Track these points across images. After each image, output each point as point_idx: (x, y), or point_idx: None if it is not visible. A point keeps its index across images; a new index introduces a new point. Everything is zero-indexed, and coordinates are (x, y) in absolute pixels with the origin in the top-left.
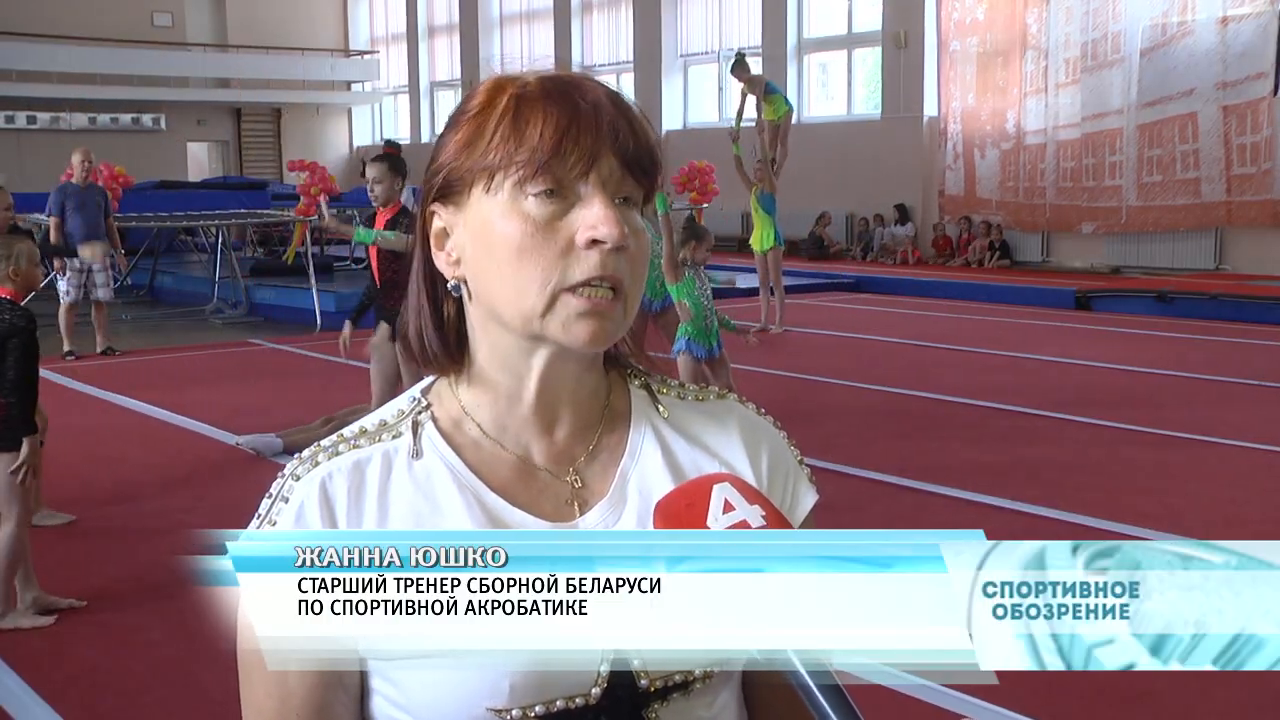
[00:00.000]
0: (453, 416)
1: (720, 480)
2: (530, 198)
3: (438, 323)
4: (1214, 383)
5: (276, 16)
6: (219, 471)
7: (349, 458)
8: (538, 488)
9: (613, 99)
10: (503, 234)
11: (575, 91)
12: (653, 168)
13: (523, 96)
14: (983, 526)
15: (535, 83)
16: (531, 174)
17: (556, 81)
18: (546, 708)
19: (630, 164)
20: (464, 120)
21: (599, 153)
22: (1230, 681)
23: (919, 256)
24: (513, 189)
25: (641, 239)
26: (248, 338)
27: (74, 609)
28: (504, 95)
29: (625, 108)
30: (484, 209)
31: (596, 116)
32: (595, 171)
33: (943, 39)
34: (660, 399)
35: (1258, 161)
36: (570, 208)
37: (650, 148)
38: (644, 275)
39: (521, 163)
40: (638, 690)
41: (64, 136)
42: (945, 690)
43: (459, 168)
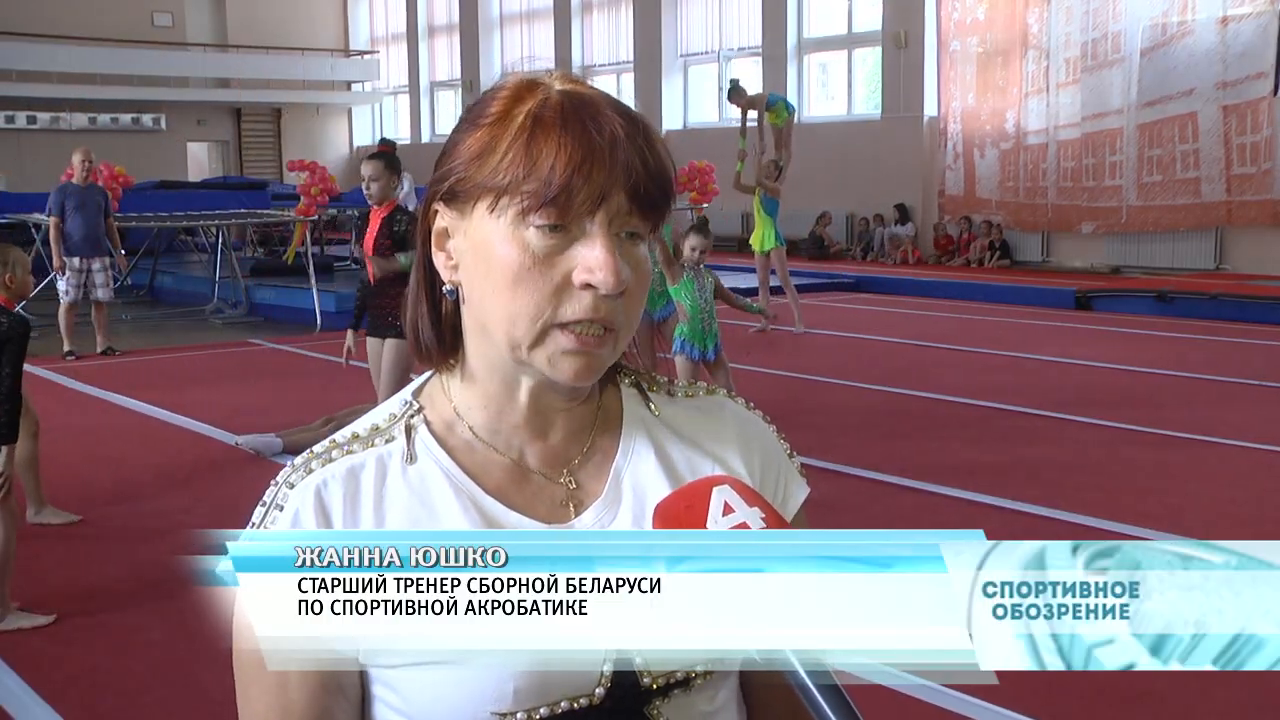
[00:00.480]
0: (445, 419)
1: (720, 483)
2: (532, 229)
3: (434, 318)
4: (1214, 383)
5: (276, 16)
6: (219, 471)
7: (343, 464)
8: (532, 490)
9: (629, 131)
10: (501, 259)
11: (592, 121)
12: (663, 200)
13: (539, 118)
14: (983, 526)
15: (555, 101)
16: (537, 206)
17: (576, 104)
18: (550, 709)
19: (639, 200)
20: (481, 124)
21: (609, 191)
22: (1230, 681)
23: (919, 256)
24: (516, 216)
25: (641, 274)
26: (248, 338)
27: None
28: (523, 109)
29: (642, 139)
30: (485, 228)
31: (611, 152)
32: (603, 210)
33: (943, 39)
34: (651, 397)
35: (1258, 161)
36: (572, 242)
37: (664, 180)
38: (640, 310)
39: (529, 193)
40: (640, 689)
41: (64, 136)
42: (945, 690)
43: (468, 179)
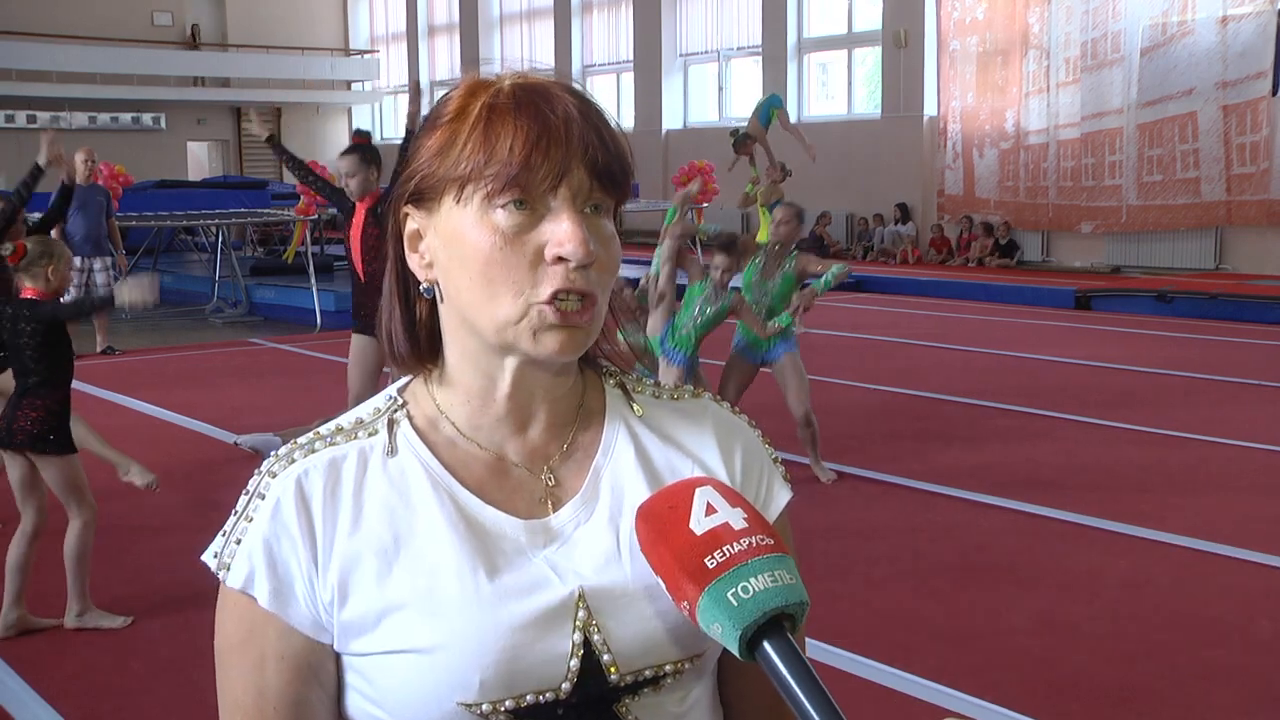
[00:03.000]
0: (428, 416)
1: (702, 484)
2: (499, 210)
3: (408, 323)
4: (1214, 383)
5: (276, 16)
6: (219, 471)
7: (325, 455)
8: (511, 485)
9: (582, 110)
10: (473, 245)
11: (545, 103)
12: (623, 176)
13: (494, 107)
14: (983, 526)
15: (507, 91)
16: (500, 188)
17: (528, 90)
18: (516, 702)
19: (600, 175)
20: (439, 125)
21: (568, 166)
22: (1230, 681)
23: (919, 256)
24: (482, 201)
25: (610, 248)
26: (248, 337)
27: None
28: (476, 103)
29: (595, 118)
30: (455, 219)
31: (566, 129)
32: (565, 185)
33: (943, 38)
34: (635, 398)
35: (1257, 161)
36: (540, 220)
37: (621, 157)
38: (612, 281)
39: (491, 176)
40: (608, 684)
41: (64, 136)
42: (941, 689)
43: (431, 175)
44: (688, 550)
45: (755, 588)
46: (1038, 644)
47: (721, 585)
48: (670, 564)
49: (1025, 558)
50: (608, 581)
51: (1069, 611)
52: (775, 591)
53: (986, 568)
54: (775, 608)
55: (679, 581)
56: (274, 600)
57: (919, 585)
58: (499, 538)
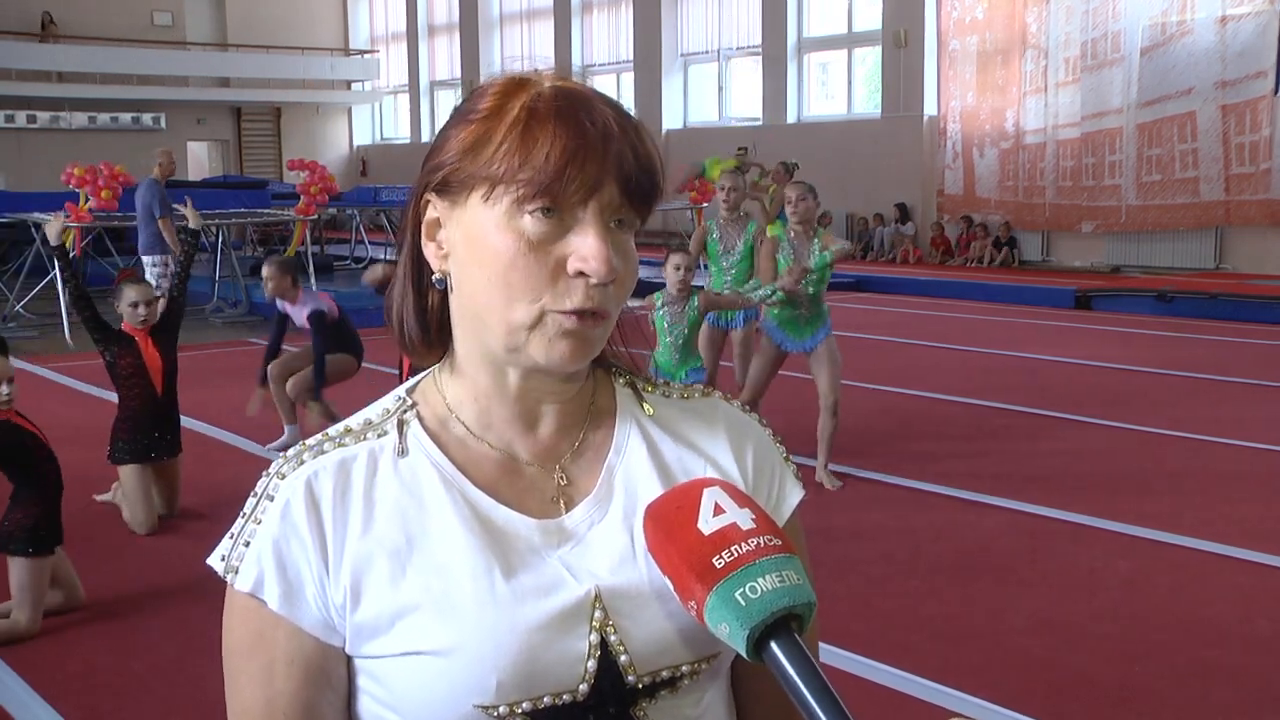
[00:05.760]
0: (438, 415)
1: (710, 484)
2: (527, 215)
3: (420, 310)
4: (1214, 383)
5: (276, 16)
6: (219, 471)
7: (334, 456)
8: (524, 484)
9: (621, 123)
10: (496, 247)
11: (585, 113)
12: (653, 194)
13: (534, 111)
14: (983, 526)
15: (549, 95)
16: (531, 194)
17: (569, 97)
18: (534, 704)
19: (631, 192)
20: (473, 119)
21: (602, 181)
22: (1230, 682)
23: (919, 256)
24: (511, 204)
25: (630, 264)
26: (248, 337)
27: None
28: (516, 103)
29: (633, 133)
30: (480, 217)
31: (604, 143)
32: (595, 199)
33: (942, 38)
34: (645, 397)
35: (1257, 161)
36: (566, 230)
37: (653, 174)
38: (628, 296)
39: (524, 181)
40: (625, 687)
41: (64, 136)
42: (941, 689)
43: (461, 169)
44: (695, 550)
45: (763, 588)
46: (1038, 644)
47: (729, 585)
48: (678, 564)
49: (1025, 558)
50: (623, 581)
51: (1069, 611)
52: (782, 591)
53: (986, 568)
54: (782, 608)
55: (687, 581)
56: (284, 603)
57: (919, 585)
58: (513, 538)
